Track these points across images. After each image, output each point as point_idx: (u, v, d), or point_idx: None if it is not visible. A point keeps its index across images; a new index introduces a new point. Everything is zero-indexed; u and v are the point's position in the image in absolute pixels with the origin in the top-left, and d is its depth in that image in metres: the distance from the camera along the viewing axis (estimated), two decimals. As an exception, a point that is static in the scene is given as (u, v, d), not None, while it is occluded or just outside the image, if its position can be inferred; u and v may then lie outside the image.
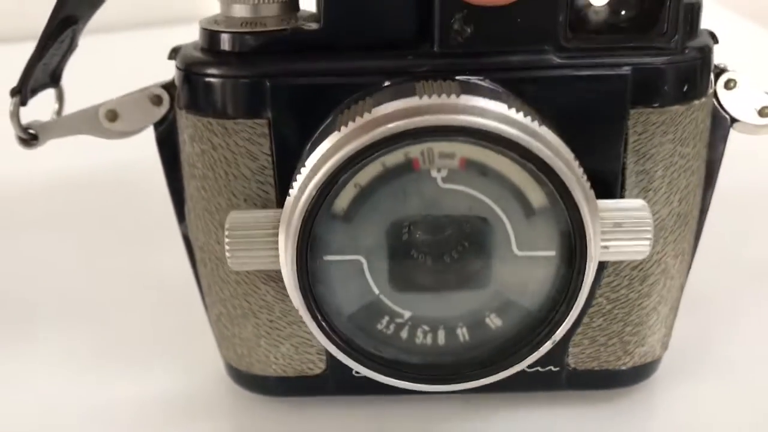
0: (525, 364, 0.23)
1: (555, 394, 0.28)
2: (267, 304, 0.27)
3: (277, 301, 0.26)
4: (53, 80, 0.28)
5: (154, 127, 0.27)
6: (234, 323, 0.27)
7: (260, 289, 0.26)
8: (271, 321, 0.27)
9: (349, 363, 0.24)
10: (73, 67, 0.29)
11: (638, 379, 0.28)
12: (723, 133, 0.27)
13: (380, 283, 0.23)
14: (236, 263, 0.23)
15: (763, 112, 0.26)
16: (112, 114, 0.27)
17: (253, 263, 0.24)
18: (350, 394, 0.28)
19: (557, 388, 0.28)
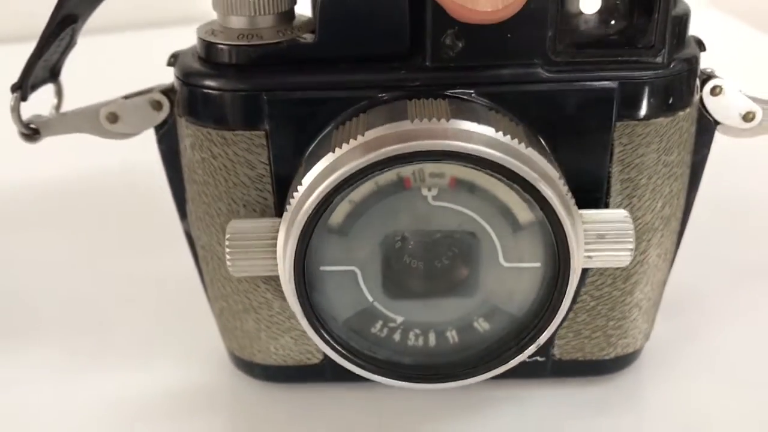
0: (511, 365, 0.25)
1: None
2: (267, 301, 0.28)
3: (276, 298, 0.28)
4: (52, 76, 0.29)
5: (155, 129, 0.28)
6: (236, 317, 0.29)
7: (260, 287, 0.28)
8: (271, 316, 0.28)
9: (344, 365, 0.25)
10: (74, 66, 0.29)
11: (620, 368, 0.30)
12: (708, 136, 0.27)
13: (374, 291, 0.24)
14: (237, 270, 0.25)
15: (747, 117, 0.27)
16: (113, 116, 0.27)
17: (252, 270, 0.25)
18: (347, 381, 0.30)
19: (542, 376, 0.29)
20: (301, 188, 0.23)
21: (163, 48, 0.29)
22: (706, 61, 0.27)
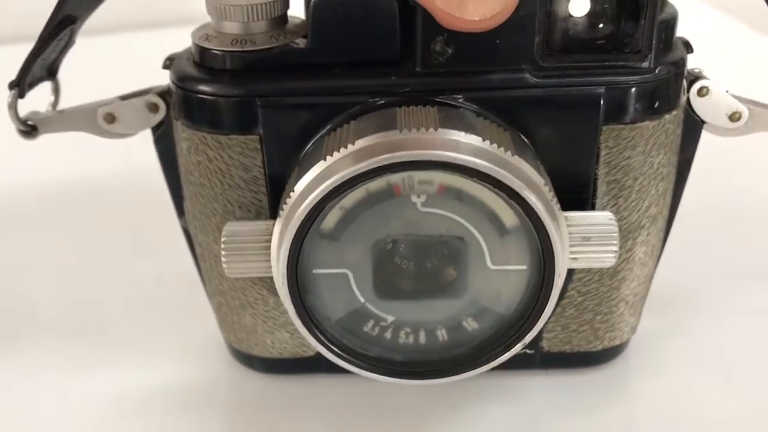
0: (499, 362, 0.26)
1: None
2: (262, 297, 0.29)
3: (271, 294, 0.29)
4: (50, 74, 0.29)
5: (151, 130, 0.28)
6: (233, 312, 0.30)
7: (256, 284, 0.29)
8: (267, 311, 0.29)
9: (337, 362, 0.26)
10: (71, 65, 0.30)
11: (607, 359, 0.31)
12: (695, 135, 0.28)
13: (365, 293, 0.25)
14: (232, 271, 0.25)
15: (734, 117, 0.28)
16: (110, 117, 0.28)
17: (247, 271, 0.25)
18: (342, 373, 0.30)
19: (532, 368, 0.30)
20: (294, 195, 0.24)
21: (160, 48, 0.30)
22: (693, 57, 0.27)
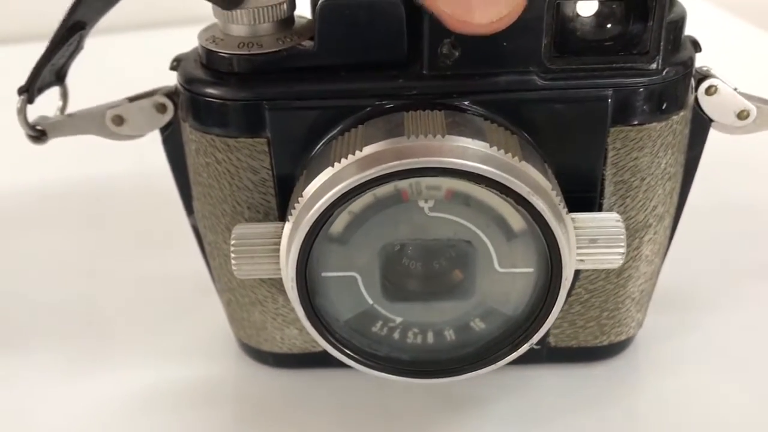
0: (506, 362, 0.26)
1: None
2: (272, 295, 0.29)
3: (281, 292, 0.29)
4: (59, 79, 0.29)
5: (160, 130, 0.28)
6: (243, 309, 0.30)
7: (265, 282, 0.29)
8: (276, 309, 0.29)
9: (346, 362, 0.26)
10: (78, 66, 0.30)
11: (613, 354, 0.31)
12: (702, 134, 0.28)
13: (373, 295, 0.25)
14: (242, 273, 0.26)
15: (742, 115, 0.28)
16: (118, 119, 0.28)
17: (257, 273, 0.26)
18: (350, 367, 0.31)
19: (538, 362, 0.31)
20: (303, 200, 0.24)
21: (165, 48, 0.30)
22: (701, 56, 0.27)
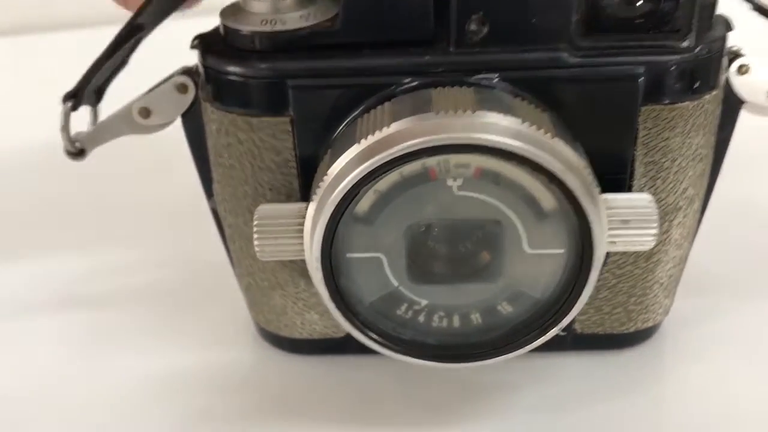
0: (533, 346, 0.25)
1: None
2: (293, 279, 0.29)
3: (302, 276, 0.28)
4: (97, 98, 0.28)
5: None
6: (262, 293, 0.29)
7: (287, 266, 0.28)
8: (297, 293, 0.29)
9: (370, 345, 0.26)
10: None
11: (640, 341, 0.31)
12: (733, 115, 0.27)
13: (399, 276, 0.25)
14: (264, 254, 0.25)
15: (775, 95, 0.27)
16: (145, 111, 0.27)
17: (280, 254, 0.25)
18: (372, 353, 0.30)
19: (563, 349, 0.30)
20: (327, 179, 0.23)
21: (183, 39, 0.29)
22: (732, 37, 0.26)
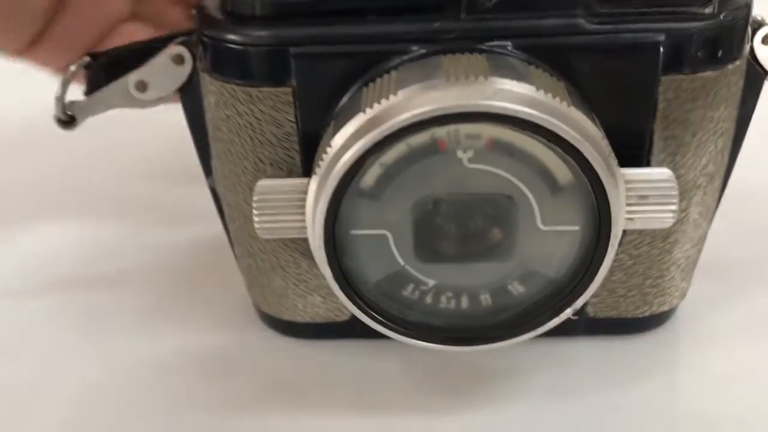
0: (545, 329, 0.24)
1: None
2: (295, 260, 0.27)
3: (304, 257, 0.27)
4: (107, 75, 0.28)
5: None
6: (263, 275, 0.28)
7: (288, 246, 0.27)
8: (299, 274, 0.28)
9: (375, 327, 0.24)
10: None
11: (654, 326, 0.29)
12: (756, 88, 0.26)
13: (405, 255, 0.24)
14: (265, 232, 0.24)
15: (800, 68, 0.26)
16: (141, 84, 0.27)
17: (281, 232, 0.24)
18: (376, 337, 0.29)
19: (575, 334, 0.29)
20: (331, 150, 0.22)
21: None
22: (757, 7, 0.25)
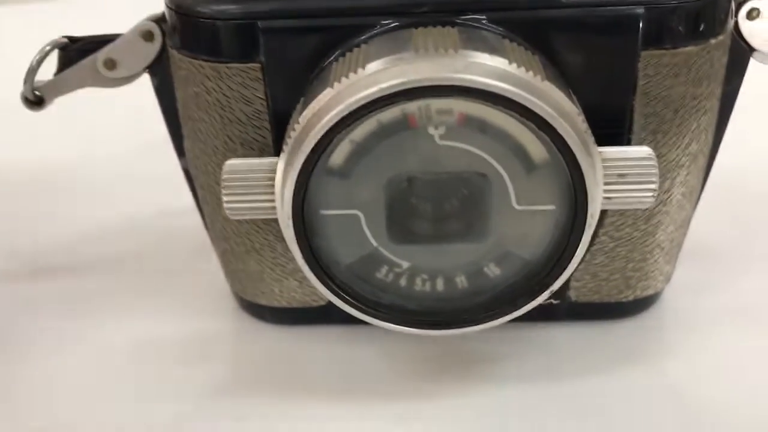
0: (522, 312, 0.24)
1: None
2: (269, 243, 0.27)
3: (279, 240, 0.27)
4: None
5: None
6: (238, 259, 0.28)
7: (262, 228, 0.27)
8: (274, 258, 0.27)
9: (348, 310, 0.24)
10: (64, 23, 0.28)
11: (639, 311, 0.29)
12: (741, 65, 0.25)
13: (378, 236, 0.23)
14: (234, 213, 0.23)
15: (787, 42, 0.25)
16: (110, 62, 0.26)
17: (250, 213, 0.23)
18: (355, 323, 0.29)
19: (557, 319, 0.28)
20: (298, 127, 0.21)
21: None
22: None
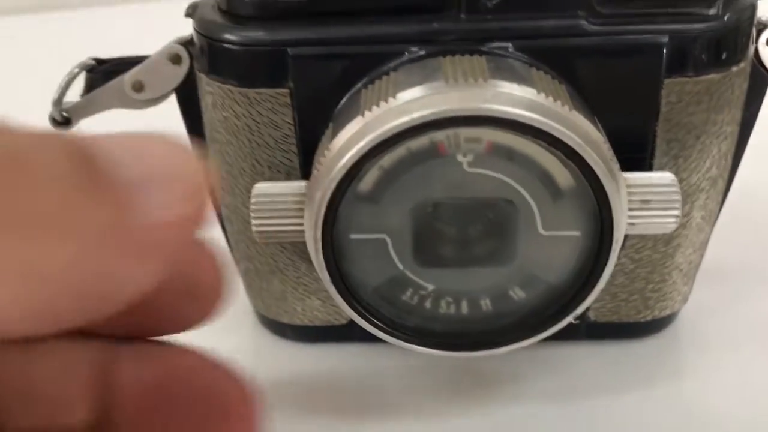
0: (546, 335, 0.24)
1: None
2: (293, 263, 0.27)
3: (303, 260, 0.27)
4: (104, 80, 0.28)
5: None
6: (261, 278, 0.28)
7: (287, 249, 0.27)
8: (298, 277, 0.28)
9: (374, 332, 0.24)
10: (88, 40, 0.28)
11: (656, 330, 0.29)
12: (760, 90, 0.26)
13: (404, 259, 0.23)
14: (263, 236, 0.24)
15: (805, 69, 0.25)
16: (138, 84, 0.26)
17: (279, 236, 0.24)
18: (376, 341, 0.29)
19: (576, 339, 0.29)
20: (329, 153, 0.22)
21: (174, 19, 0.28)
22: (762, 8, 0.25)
